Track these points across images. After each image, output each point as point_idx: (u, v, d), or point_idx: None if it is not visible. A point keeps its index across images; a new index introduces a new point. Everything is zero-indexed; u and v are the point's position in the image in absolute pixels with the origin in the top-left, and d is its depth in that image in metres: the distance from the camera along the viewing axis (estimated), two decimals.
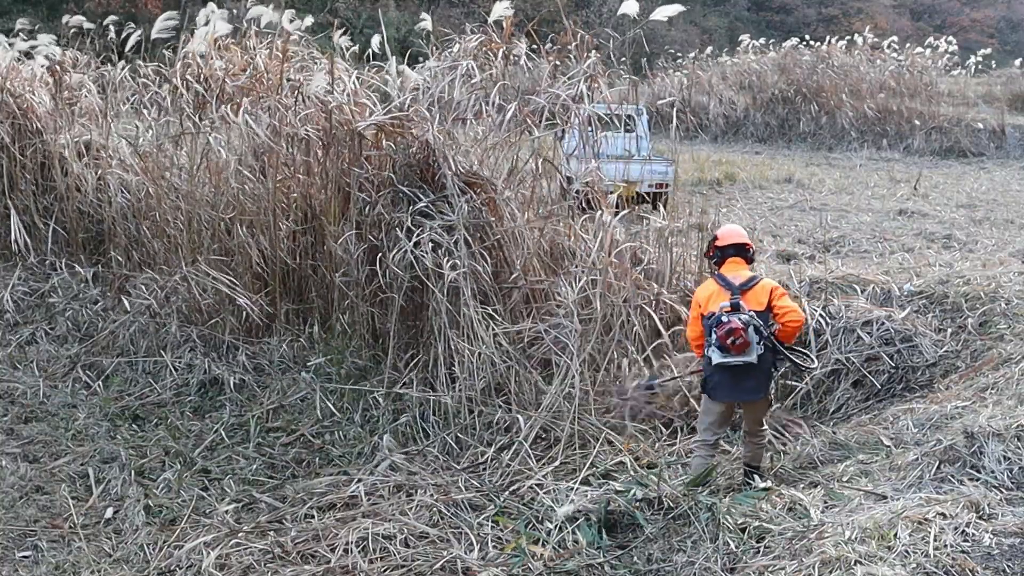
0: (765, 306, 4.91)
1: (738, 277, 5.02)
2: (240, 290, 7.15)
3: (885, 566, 3.55)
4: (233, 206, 7.57)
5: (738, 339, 4.70)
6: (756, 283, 5.00)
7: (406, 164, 6.58)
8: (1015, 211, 13.61)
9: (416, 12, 35.09)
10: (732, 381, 4.89)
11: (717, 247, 5.21)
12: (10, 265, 9.10)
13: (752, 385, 4.91)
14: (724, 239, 5.20)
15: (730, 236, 5.21)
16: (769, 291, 4.95)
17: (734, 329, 4.70)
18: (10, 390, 7.03)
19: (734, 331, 4.70)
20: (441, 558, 4.51)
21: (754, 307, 4.89)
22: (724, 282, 5.02)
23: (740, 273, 5.06)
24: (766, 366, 4.91)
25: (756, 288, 4.97)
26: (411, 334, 6.68)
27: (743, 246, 5.17)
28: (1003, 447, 4.35)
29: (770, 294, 4.94)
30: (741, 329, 4.70)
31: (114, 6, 25.37)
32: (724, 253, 5.16)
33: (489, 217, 6.52)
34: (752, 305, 4.89)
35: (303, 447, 6.19)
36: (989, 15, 50.08)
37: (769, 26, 43.55)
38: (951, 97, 26.01)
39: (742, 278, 5.02)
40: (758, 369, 4.84)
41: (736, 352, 4.74)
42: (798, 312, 4.96)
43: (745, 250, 5.17)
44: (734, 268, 5.09)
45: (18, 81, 9.66)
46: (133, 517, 5.21)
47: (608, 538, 4.51)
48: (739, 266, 5.11)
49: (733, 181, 16.53)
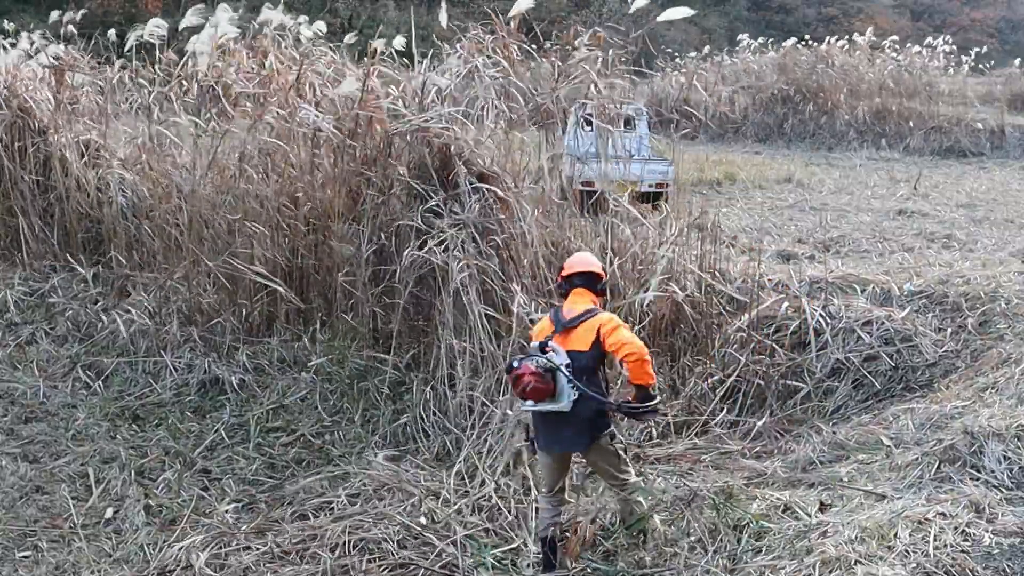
0: (590, 345, 4.26)
1: (571, 312, 4.38)
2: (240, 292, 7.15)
3: (885, 566, 3.56)
4: (235, 206, 7.57)
5: (527, 385, 4.11)
6: (586, 320, 4.32)
7: (422, 163, 6.58)
8: (1015, 211, 13.59)
9: (416, 12, 35.06)
10: (548, 431, 4.33)
11: (563, 277, 4.59)
12: (10, 265, 9.11)
13: (569, 435, 4.30)
14: (569, 267, 4.60)
15: (576, 264, 4.61)
16: (597, 328, 4.27)
17: (520, 375, 4.13)
18: (10, 390, 7.03)
19: (520, 377, 4.13)
20: (439, 559, 4.52)
21: (577, 347, 4.25)
22: (555, 317, 4.43)
23: (576, 307, 4.40)
24: (586, 413, 4.22)
25: (584, 325, 4.31)
26: (414, 334, 6.68)
27: (591, 275, 4.55)
28: (1003, 447, 4.36)
29: (597, 332, 4.26)
30: (530, 374, 4.11)
31: (114, 6, 25.37)
32: (570, 283, 4.52)
33: (500, 215, 6.52)
34: (574, 345, 4.26)
35: (303, 447, 6.19)
36: (989, 15, 50.10)
37: (769, 26, 43.56)
38: (951, 97, 25.96)
39: (575, 313, 4.37)
40: (575, 417, 4.20)
41: (534, 398, 4.17)
42: (633, 344, 4.20)
43: (594, 280, 4.55)
44: (574, 300, 4.45)
45: (19, 81, 9.66)
46: (133, 517, 5.22)
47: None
48: (582, 299, 4.45)
49: (733, 181, 16.52)
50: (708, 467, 5.44)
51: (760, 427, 5.90)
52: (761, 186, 16.14)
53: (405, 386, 6.40)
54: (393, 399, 6.38)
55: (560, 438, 4.33)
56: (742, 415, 6.15)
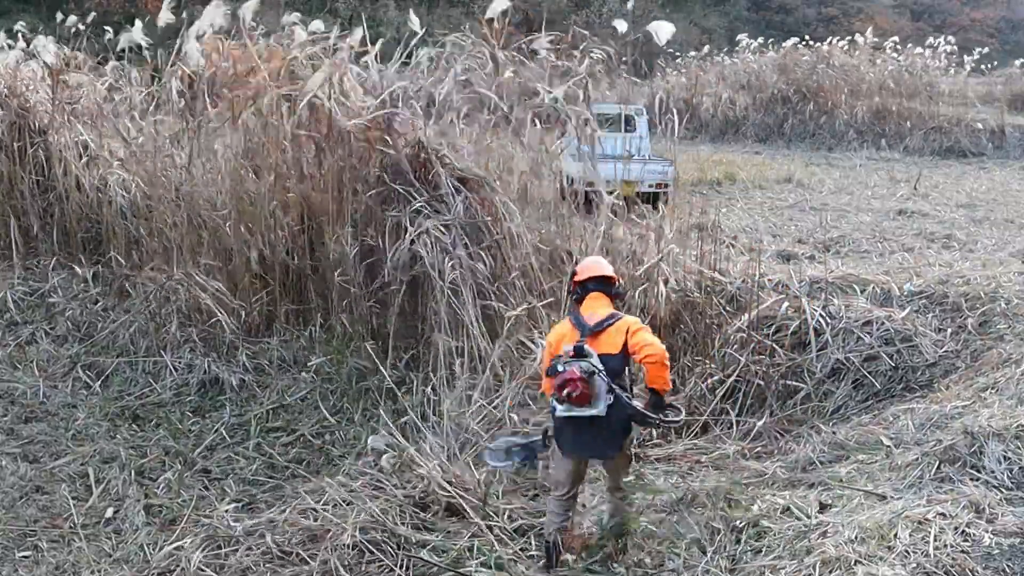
0: (620, 348, 4.24)
1: (594, 316, 4.35)
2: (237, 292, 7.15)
3: (885, 566, 3.55)
4: (230, 206, 7.56)
5: (574, 391, 4.08)
6: (612, 323, 4.30)
7: (396, 163, 6.58)
8: (1015, 211, 13.59)
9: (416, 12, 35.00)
10: (578, 435, 4.27)
11: (576, 282, 4.55)
12: (10, 265, 9.11)
13: (601, 441, 4.27)
14: (583, 272, 4.56)
15: (590, 269, 4.58)
16: (625, 330, 4.26)
17: (569, 380, 4.09)
18: (10, 390, 7.04)
19: (569, 382, 4.09)
20: (438, 561, 4.51)
21: (607, 350, 4.23)
22: (577, 322, 4.37)
23: (597, 312, 4.38)
24: (618, 420, 4.22)
25: (611, 329, 4.28)
26: (411, 334, 6.68)
27: (606, 279, 4.52)
28: (1003, 447, 4.35)
29: (626, 334, 4.25)
30: (578, 380, 4.08)
31: (114, 6, 25.36)
32: (584, 289, 4.49)
33: (485, 217, 6.52)
34: (605, 348, 4.23)
35: (303, 447, 6.20)
36: (989, 15, 50.12)
37: (769, 26, 43.57)
38: (951, 97, 25.95)
39: (598, 317, 4.34)
40: (607, 423, 4.18)
41: (576, 404, 4.12)
42: (655, 346, 4.20)
43: (608, 284, 4.52)
44: (592, 305, 4.42)
45: (19, 81, 9.66)
46: (133, 517, 5.22)
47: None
48: (599, 303, 4.43)
49: (733, 181, 16.53)
50: (708, 467, 5.44)
51: (760, 427, 5.89)
52: (761, 186, 16.13)
53: (405, 386, 6.40)
54: (393, 399, 6.38)
55: (590, 443, 4.29)
56: (742, 415, 6.15)
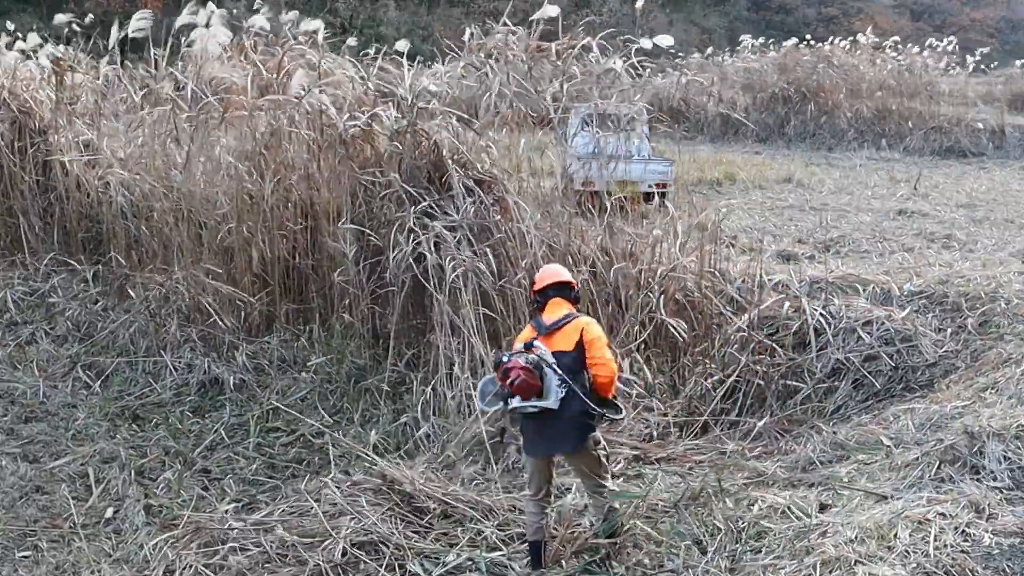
0: (574, 346, 4.30)
1: (552, 317, 4.45)
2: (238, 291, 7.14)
3: (885, 566, 3.55)
4: (230, 206, 7.56)
5: (516, 378, 4.10)
6: (568, 322, 4.39)
7: (414, 166, 6.58)
8: (1015, 211, 13.59)
9: (416, 12, 35.16)
10: (535, 431, 4.30)
11: (536, 291, 4.62)
12: (10, 265, 9.11)
13: (555, 435, 4.27)
14: (542, 280, 4.62)
15: (549, 276, 4.63)
16: (580, 329, 4.34)
17: (510, 368, 4.12)
18: (10, 390, 7.03)
19: (511, 370, 4.12)
20: (437, 560, 4.51)
21: (561, 347, 4.28)
22: (537, 324, 4.48)
23: (556, 313, 4.47)
24: (572, 415, 4.20)
25: (567, 327, 4.37)
26: (413, 334, 6.68)
27: (564, 284, 4.58)
28: (1003, 447, 4.35)
29: (581, 333, 4.32)
30: (520, 368, 4.10)
31: (114, 6, 25.38)
32: (544, 296, 4.56)
33: (496, 216, 6.51)
34: (559, 346, 4.29)
35: (303, 447, 6.19)
36: (989, 15, 50.13)
37: (769, 26, 43.56)
38: (951, 97, 25.96)
39: (556, 317, 4.43)
40: (561, 417, 4.18)
41: (522, 394, 4.14)
42: (608, 367, 4.30)
43: (567, 289, 4.59)
44: (553, 310, 4.48)
45: (19, 81, 9.66)
46: (133, 517, 5.22)
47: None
48: (561, 308, 4.49)
49: (733, 181, 16.51)
50: (708, 467, 5.44)
51: (760, 427, 5.89)
52: (761, 186, 16.12)
53: (405, 386, 6.40)
54: (393, 399, 6.38)
55: (549, 439, 4.29)
56: (742, 415, 6.15)
